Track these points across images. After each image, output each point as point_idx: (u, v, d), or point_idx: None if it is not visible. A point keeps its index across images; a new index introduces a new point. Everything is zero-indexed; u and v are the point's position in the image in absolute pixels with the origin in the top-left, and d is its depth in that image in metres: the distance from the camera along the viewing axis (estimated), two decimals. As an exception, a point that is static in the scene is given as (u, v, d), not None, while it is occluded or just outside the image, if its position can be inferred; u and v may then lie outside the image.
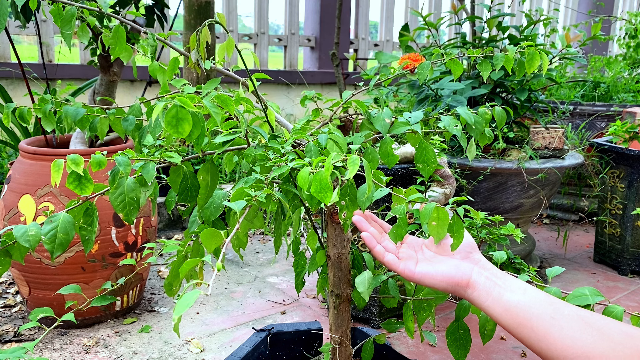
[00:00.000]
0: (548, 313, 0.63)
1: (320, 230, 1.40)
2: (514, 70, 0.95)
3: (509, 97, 2.13)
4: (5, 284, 1.98)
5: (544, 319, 0.63)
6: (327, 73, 4.07)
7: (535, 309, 0.64)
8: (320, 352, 1.17)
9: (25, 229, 0.67)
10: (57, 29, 3.15)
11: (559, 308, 0.64)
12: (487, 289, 0.69)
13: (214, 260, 0.57)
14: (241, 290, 2.02)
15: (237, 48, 0.83)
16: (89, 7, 0.89)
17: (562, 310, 0.63)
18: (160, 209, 2.51)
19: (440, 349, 1.63)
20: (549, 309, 0.64)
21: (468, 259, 0.73)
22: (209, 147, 0.81)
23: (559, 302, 0.65)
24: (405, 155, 1.62)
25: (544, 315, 0.63)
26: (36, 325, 0.81)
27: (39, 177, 1.58)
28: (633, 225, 2.22)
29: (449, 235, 0.70)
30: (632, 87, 3.04)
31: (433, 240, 0.74)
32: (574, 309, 0.63)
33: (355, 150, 0.72)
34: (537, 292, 0.67)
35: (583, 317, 0.62)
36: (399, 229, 0.71)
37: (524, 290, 0.67)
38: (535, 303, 0.65)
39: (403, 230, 0.71)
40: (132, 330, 1.69)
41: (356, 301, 0.92)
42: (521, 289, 0.67)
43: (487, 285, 0.70)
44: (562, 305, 0.64)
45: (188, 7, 2.67)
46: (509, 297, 0.67)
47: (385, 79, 0.97)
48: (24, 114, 0.94)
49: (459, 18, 2.28)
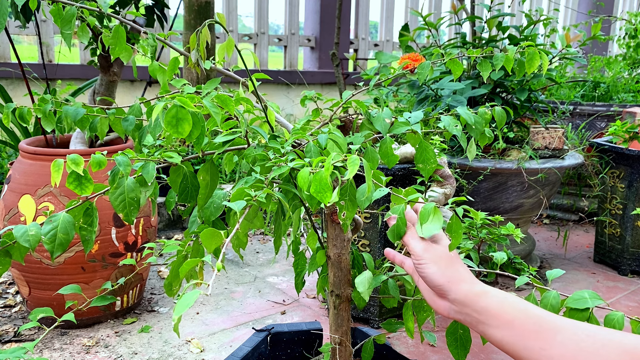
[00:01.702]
0: (538, 345, 0.60)
1: (320, 230, 1.40)
2: (514, 70, 0.95)
3: (509, 97, 2.13)
4: (5, 284, 1.98)
5: (533, 350, 0.61)
6: (327, 73, 4.07)
7: (523, 342, 0.61)
8: (320, 352, 1.17)
9: (25, 229, 0.67)
10: (57, 29, 3.15)
11: (551, 337, 0.60)
12: (471, 326, 0.68)
13: (214, 260, 0.57)
14: (241, 290, 2.02)
15: (237, 48, 0.83)
16: (89, 7, 0.89)
17: (553, 338, 0.60)
18: (160, 209, 2.51)
19: (440, 349, 1.63)
20: (540, 340, 0.60)
21: (444, 299, 0.70)
22: (209, 147, 0.81)
23: (553, 326, 0.61)
24: (405, 155, 1.62)
25: (532, 347, 0.61)
26: (36, 325, 0.81)
27: (39, 177, 1.58)
28: (633, 225, 2.22)
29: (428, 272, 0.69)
30: (632, 87, 3.04)
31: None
32: (567, 335, 0.59)
33: (355, 150, 0.72)
34: (527, 320, 0.62)
35: (577, 341, 0.58)
36: (398, 229, 0.71)
37: (511, 322, 0.63)
38: (523, 336, 0.62)
39: (402, 229, 0.71)
40: (132, 330, 1.69)
41: (356, 301, 0.92)
42: (508, 321, 0.63)
43: (469, 322, 0.68)
44: (555, 332, 0.60)
45: (188, 7, 2.67)
46: (492, 333, 0.64)
47: (385, 79, 0.97)
48: (24, 114, 0.94)
49: (459, 18, 2.28)
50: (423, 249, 0.70)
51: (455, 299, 0.68)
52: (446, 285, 0.69)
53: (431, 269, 0.69)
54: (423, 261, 0.70)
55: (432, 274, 0.69)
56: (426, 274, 0.70)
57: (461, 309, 0.68)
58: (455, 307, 0.69)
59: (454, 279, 0.69)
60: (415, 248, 0.71)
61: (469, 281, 0.69)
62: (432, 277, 0.69)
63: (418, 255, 0.70)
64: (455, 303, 0.69)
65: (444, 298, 0.70)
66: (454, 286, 0.68)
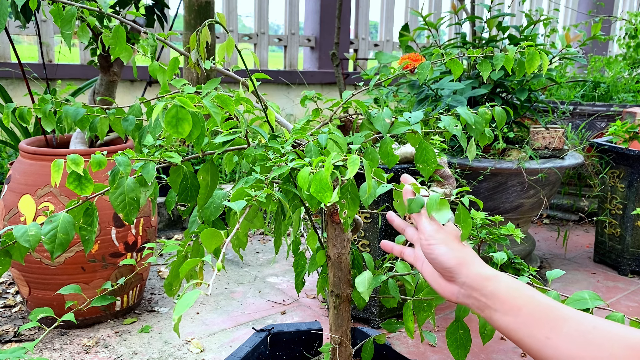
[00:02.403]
0: (543, 333, 0.60)
1: (320, 230, 1.40)
2: (514, 70, 0.95)
3: (509, 97, 2.13)
4: (5, 284, 1.98)
5: (537, 339, 0.60)
6: (327, 73, 4.07)
7: (528, 330, 0.61)
8: (320, 352, 1.17)
9: (25, 229, 0.67)
10: (57, 29, 3.15)
11: (557, 326, 0.60)
12: (478, 310, 0.67)
13: (214, 260, 0.57)
14: (241, 290, 2.02)
15: (237, 48, 0.83)
16: (89, 7, 0.89)
17: (559, 328, 0.59)
18: (160, 209, 2.51)
19: (440, 349, 1.63)
20: (545, 329, 0.60)
21: (453, 282, 0.69)
22: (209, 147, 0.81)
23: (560, 315, 0.61)
24: (405, 155, 1.62)
25: (538, 335, 0.60)
26: (36, 325, 0.81)
27: (39, 177, 1.58)
28: (633, 225, 2.22)
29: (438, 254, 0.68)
30: (632, 87, 3.04)
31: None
32: (573, 325, 0.59)
33: (355, 150, 0.72)
34: (534, 307, 0.62)
35: (583, 332, 0.58)
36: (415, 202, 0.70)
37: (518, 309, 0.63)
38: (528, 323, 0.61)
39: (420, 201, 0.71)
40: (132, 330, 1.69)
41: (356, 301, 0.92)
42: (515, 307, 0.63)
43: (476, 307, 0.67)
44: (561, 321, 0.60)
45: (188, 7, 2.67)
46: (499, 319, 0.64)
47: (385, 79, 0.97)
48: (24, 114, 0.94)
49: (459, 18, 2.28)
50: (435, 230, 0.69)
51: (464, 282, 0.67)
52: (456, 268, 0.67)
53: (442, 249, 0.68)
54: (434, 241, 0.69)
55: (442, 255, 0.68)
56: (436, 254, 0.68)
57: (470, 293, 0.67)
58: (464, 291, 0.68)
59: (465, 261, 0.68)
60: (427, 228, 0.70)
61: (478, 264, 0.68)
62: (443, 258, 0.68)
63: (429, 235, 0.69)
64: (464, 286, 0.67)
65: (452, 281, 0.69)
66: (465, 269, 0.67)
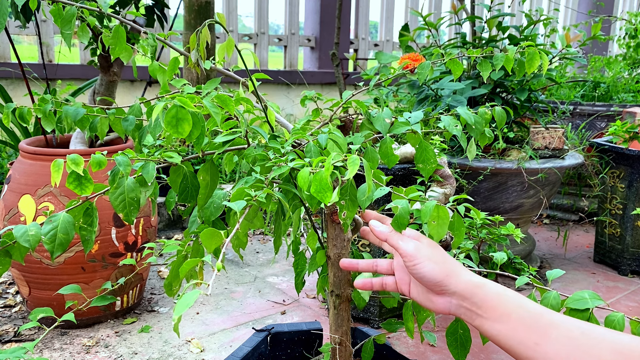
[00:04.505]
0: (532, 339, 0.60)
1: (320, 230, 1.40)
2: (514, 70, 0.95)
3: (509, 97, 2.13)
4: (5, 284, 1.98)
5: (527, 345, 0.60)
6: (327, 73, 4.07)
7: (518, 337, 0.61)
8: (320, 352, 1.17)
9: (25, 229, 0.67)
10: (57, 29, 3.15)
11: (546, 332, 0.60)
12: (469, 320, 0.67)
13: (214, 260, 0.57)
14: (241, 290, 2.02)
15: (237, 48, 0.83)
16: (89, 7, 0.89)
17: (548, 334, 0.60)
18: (160, 209, 2.51)
19: (440, 349, 1.63)
20: (534, 335, 0.60)
21: (444, 295, 0.69)
22: (209, 147, 0.81)
23: (549, 322, 0.61)
24: (405, 155, 1.62)
25: (527, 342, 0.60)
26: (36, 325, 0.81)
27: (39, 177, 1.58)
28: (633, 225, 2.22)
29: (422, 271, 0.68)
30: (632, 87, 3.04)
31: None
32: (562, 331, 0.60)
33: (355, 150, 0.72)
34: (524, 314, 0.62)
35: (572, 338, 0.59)
36: (401, 219, 0.70)
37: (508, 316, 0.63)
38: (518, 330, 0.62)
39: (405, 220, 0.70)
40: (132, 330, 1.69)
41: (356, 301, 0.92)
42: (505, 314, 0.63)
43: (468, 316, 0.67)
44: (550, 328, 0.60)
45: (188, 7, 2.67)
46: (489, 327, 0.64)
47: (385, 79, 0.97)
48: (24, 114, 0.94)
49: (459, 18, 2.28)
50: (415, 248, 0.69)
51: (455, 291, 0.67)
52: (445, 280, 0.67)
53: (428, 266, 0.68)
54: (418, 260, 0.68)
55: (430, 272, 0.68)
56: (423, 272, 0.68)
57: (461, 302, 0.67)
58: (455, 301, 0.68)
59: (452, 272, 0.68)
60: (407, 249, 0.69)
61: (465, 273, 0.68)
62: (431, 274, 0.67)
63: (412, 255, 0.69)
64: (455, 296, 0.67)
65: (442, 294, 0.69)
66: (453, 279, 0.67)
